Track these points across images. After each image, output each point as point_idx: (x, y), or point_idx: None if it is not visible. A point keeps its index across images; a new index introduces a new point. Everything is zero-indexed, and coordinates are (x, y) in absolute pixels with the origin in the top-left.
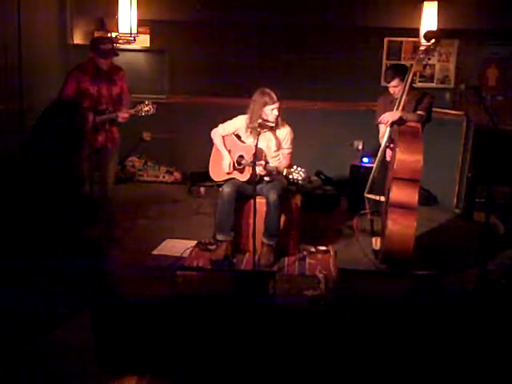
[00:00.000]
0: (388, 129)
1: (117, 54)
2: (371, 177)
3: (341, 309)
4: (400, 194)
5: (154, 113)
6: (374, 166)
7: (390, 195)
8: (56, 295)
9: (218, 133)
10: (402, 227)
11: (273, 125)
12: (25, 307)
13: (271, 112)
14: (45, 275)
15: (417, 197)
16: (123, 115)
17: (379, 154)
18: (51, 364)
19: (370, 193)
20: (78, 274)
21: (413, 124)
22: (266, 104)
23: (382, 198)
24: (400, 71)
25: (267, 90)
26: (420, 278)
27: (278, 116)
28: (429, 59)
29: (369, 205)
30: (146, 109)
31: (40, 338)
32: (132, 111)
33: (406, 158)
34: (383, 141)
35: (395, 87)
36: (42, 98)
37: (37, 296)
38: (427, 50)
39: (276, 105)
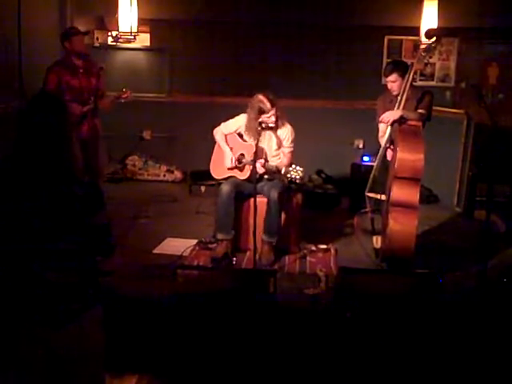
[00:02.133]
0: (388, 128)
1: (86, 33)
2: (372, 175)
3: (341, 307)
4: (401, 193)
5: (132, 98)
6: (375, 164)
7: (391, 194)
8: (68, 289)
9: (221, 131)
10: (403, 226)
11: (273, 125)
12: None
13: (268, 119)
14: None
15: (418, 196)
16: (103, 102)
17: (380, 153)
18: (65, 361)
19: (370, 191)
20: (89, 265)
21: (413, 123)
22: (262, 112)
23: (383, 197)
24: (399, 67)
25: (262, 98)
26: (420, 276)
27: (275, 120)
28: (430, 57)
29: (369, 203)
30: (125, 95)
31: (53, 333)
32: (111, 97)
33: (407, 156)
34: (383, 140)
35: (393, 82)
36: None
37: (48, 289)
38: (428, 49)
39: (271, 112)
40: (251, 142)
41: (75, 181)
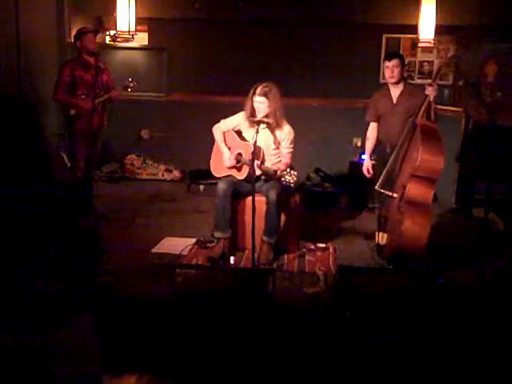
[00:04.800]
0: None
1: (97, 32)
2: (385, 172)
3: (340, 305)
4: (418, 191)
5: (137, 86)
6: (391, 160)
7: (408, 192)
8: (55, 295)
9: (220, 128)
10: (418, 225)
11: (268, 121)
12: (25, 308)
13: (255, 103)
14: (42, 273)
15: (432, 196)
16: (115, 93)
17: (397, 149)
18: (53, 367)
19: (382, 187)
20: (77, 270)
21: (432, 124)
22: (253, 94)
23: (395, 194)
24: (401, 55)
25: (259, 84)
26: (420, 274)
27: (264, 113)
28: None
29: (377, 199)
30: (132, 84)
31: (41, 340)
32: (121, 88)
33: (430, 157)
34: (401, 138)
35: (395, 67)
36: (41, 96)
37: (36, 297)
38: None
39: (256, 98)
40: (249, 140)
41: (57, 183)
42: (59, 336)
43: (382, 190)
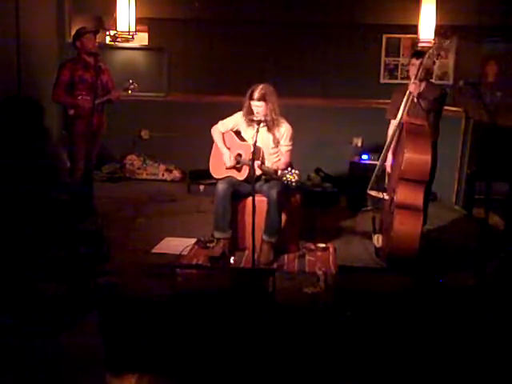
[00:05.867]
0: (394, 128)
1: (96, 32)
2: (374, 174)
3: (341, 305)
4: (407, 194)
5: (138, 88)
6: (378, 163)
7: (397, 196)
8: (58, 297)
9: (218, 130)
10: (408, 228)
11: (267, 119)
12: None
13: (253, 108)
14: (46, 276)
15: (422, 197)
16: (115, 94)
17: (383, 152)
18: (59, 368)
19: (372, 190)
20: (80, 273)
21: (420, 122)
22: (250, 96)
23: (386, 196)
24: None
25: (256, 86)
26: (420, 275)
27: (263, 115)
28: (441, 56)
29: (371, 202)
30: (132, 86)
31: (47, 342)
32: (122, 89)
33: (415, 158)
34: (388, 139)
35: (415, 65)
36: (41, 96)
37: (39, 299)
38: (439, 47)
39: (255, 103)
40: (248, 140)
41: (60, 186)
42: (66, 338)
43: (374, 194)
